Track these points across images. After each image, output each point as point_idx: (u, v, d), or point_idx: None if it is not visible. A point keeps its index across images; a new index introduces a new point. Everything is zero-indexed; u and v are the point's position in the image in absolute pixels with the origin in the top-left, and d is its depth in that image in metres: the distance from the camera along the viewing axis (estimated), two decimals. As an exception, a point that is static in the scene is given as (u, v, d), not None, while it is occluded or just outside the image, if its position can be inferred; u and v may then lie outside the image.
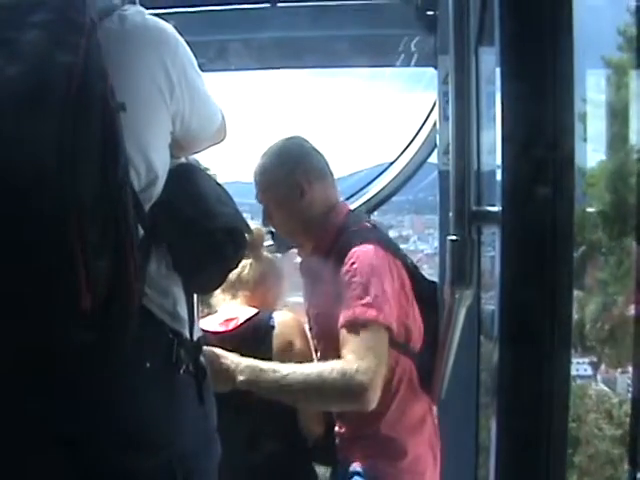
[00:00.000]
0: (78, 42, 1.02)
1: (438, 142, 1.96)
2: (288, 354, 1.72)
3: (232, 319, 1.79)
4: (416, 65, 2.13)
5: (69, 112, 0.99)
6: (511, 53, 0.97)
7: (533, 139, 0.92)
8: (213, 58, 2.01)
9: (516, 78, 0.95)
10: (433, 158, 2.33)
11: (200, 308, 1.39)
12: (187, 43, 1.23)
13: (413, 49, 2.02)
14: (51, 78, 1.00)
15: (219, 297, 1.89)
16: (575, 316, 1.00)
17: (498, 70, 1.00)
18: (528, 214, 0.89)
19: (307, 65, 2.38)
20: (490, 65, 1.40)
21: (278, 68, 2.42)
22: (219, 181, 1.34)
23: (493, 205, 1.09)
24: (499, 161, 0.96)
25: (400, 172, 2.51)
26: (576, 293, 1.02)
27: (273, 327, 1.77)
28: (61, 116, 0.99)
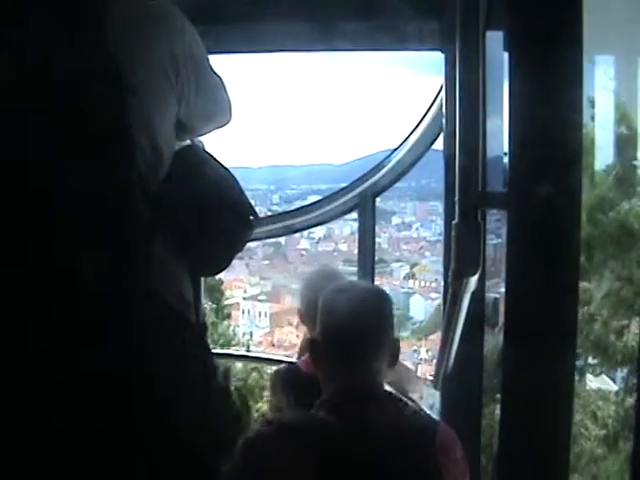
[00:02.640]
0: (83, 24, 1.03)
1: (444, 126, 1.95)
2: None
3: None
4: (423, 49, 2.12)
5: (76, 95, 0.99)
6: (520, 37, 0.96)
7: (541, 123, 0.92)
8: (218, 41, 2.00)
9: (524, 62, 0.95)
10: (437, 144, 2.32)
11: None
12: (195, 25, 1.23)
13: (420, 32, 2.00)
14: (59, 63, 1.00)
15: None
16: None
17: (506, 55, 1.00)
18: (536, 197, 0.89)
19: (313, 49, 2.36)
20: (498, 50, 1.39)
21: (282, 51, 2.41)
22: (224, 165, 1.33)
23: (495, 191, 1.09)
24: (506, 145, 0.96)
25: (403, 158, 2.50)
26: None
27: None
28: (68, 99, 0.99)
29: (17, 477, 1.06)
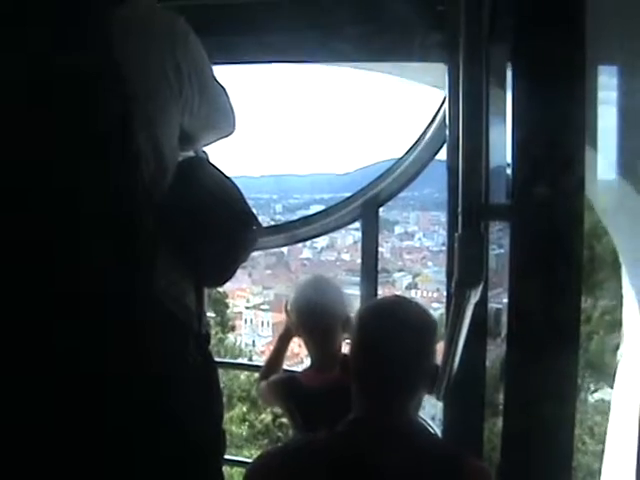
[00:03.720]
0: (87, 34, 1.03)
1: (447, 138, 1.96)
2: None
3: None
4: (426, 60, 2.12)
5: (79, 104, 1.00)
6: (523, 49, 0.97)
7: (544, 134, 0.92)
8: (221, 50, 2.01)
9: (527, 74, 0.95)
10: (441, 155, 2.32)
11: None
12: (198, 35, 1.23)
13: (423, 44, 2.01)
14: (61, 72, 1.00)
15: None
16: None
17: (509, 66, 1.00)
18: (539, 208, 0.89)
19: (315, 59, 2.37)
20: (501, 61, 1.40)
21: (285, 62, 2.42)
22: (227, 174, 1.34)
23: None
24: (509, 157, 0.96)
25: (407, 168, 2.49)
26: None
27: None
28: (71, 108, 0.99)
29: (16, 476, 1.06)
